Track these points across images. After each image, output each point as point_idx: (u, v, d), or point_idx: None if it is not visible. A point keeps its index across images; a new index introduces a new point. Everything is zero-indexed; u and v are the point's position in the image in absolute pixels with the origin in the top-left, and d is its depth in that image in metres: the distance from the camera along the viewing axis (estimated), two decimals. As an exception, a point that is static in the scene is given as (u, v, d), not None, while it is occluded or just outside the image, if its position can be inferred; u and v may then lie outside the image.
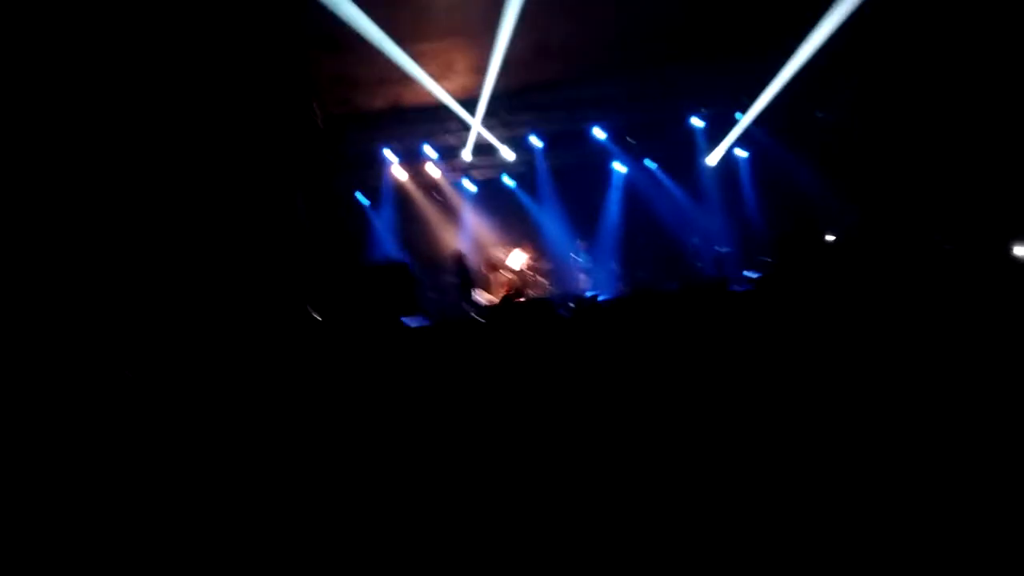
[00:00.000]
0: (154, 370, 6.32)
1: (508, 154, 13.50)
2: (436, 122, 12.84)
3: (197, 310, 8.30)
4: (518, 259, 13.32)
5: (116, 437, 4.78)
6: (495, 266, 13.34)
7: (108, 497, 4.06)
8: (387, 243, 13.71)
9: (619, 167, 14.23)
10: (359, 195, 13.84)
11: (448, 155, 13.52)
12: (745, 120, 12.85)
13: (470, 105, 12.16)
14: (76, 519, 3.86)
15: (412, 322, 10.13)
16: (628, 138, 13.83)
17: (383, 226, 13.77)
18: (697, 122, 13.63)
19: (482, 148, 13.42)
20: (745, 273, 11.19)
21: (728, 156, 14.02)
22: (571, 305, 9.35)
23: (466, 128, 12.72)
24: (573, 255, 13.42)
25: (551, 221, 14.19)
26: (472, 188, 14.33)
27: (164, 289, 8.33)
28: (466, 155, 13.37)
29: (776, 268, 9.92)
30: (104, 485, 4.17)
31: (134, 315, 7.81)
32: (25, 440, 4.73)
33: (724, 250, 12.97)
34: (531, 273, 13.15)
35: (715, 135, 13.72)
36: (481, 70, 11.33)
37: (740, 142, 13.76)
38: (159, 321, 7.88)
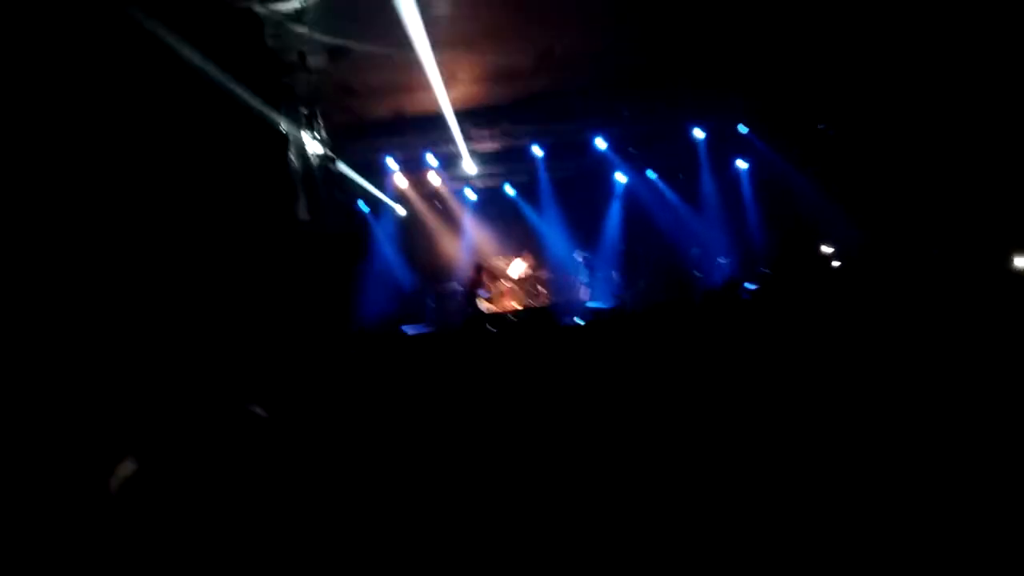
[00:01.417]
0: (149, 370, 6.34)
1: (507, 164, 13.57)
2: (438, 130, 12.89)
3: (195, 317, 8.31)
4: (518, 268, 13.36)
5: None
6: (496, 275, 13.37)
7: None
8: (387, 250, 13.77)
9: (620, 177, 14.28)
10: (361, 203, 13.87)
11: (450, 163, 13.56)
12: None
13: (474, 115, 12.24)
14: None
15: (411, 330, 10.17)
16: (630, 148, 13.88)
17: (384, 234, 13.83)
18: (699, 133, 13.68)
19: (483, 157, 13.49)
20: (744, 284, 11.23)
21: (729, 168, 14.08)
22: (575, 319, 9.38)
23: (468, 138, 12.78)
24: (574, 272, 13.44)
25: (552, 230, 14.25)
26: (473, 197, 14.37)
27: (168, 297, 8.35)
28: (468, 167, 13.30)
29: (773, 280, 9.94)
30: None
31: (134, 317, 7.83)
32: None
33: (724, 260, 13.00)
34: (531, 282, 13.19)
35: (716, 146, 13.78)
36: (483, 80, 11.39)
37: (742, 153, 13.84)
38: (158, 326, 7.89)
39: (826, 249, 11.98)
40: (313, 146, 10.98)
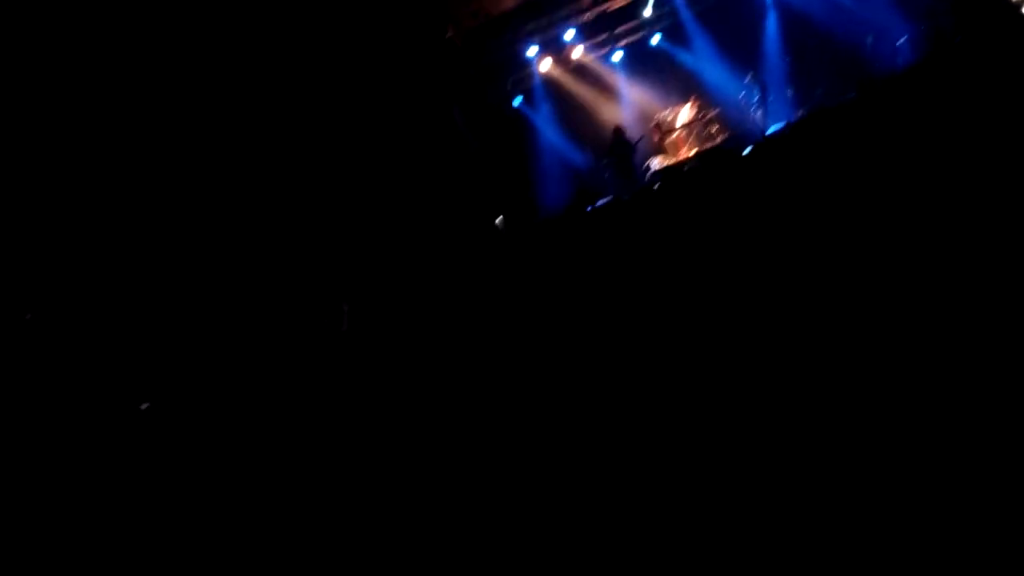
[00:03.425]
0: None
1: (648, 10, 13.07)
2: (570, 2, 12.63)
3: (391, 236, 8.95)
4: (686, 115, 12.97)
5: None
6: (664, 128, 13.08)
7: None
8: (553, 137, 13.84)
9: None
10: (516, 100, 13.96)
11: (589, 32, 13.25)
12: None
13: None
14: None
15: (594, 205, 10.33)
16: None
17: (544, 122, 13.89)
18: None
19: (622, 13, 13.09)
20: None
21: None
22: (751, 148, 9.05)
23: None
24: (746, 100, 12.82)
25: (711, 66, 13.62)
26: (620, 56, 13.97)
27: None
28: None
29: (960, 42, 8.97)
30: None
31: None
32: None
33: (903, 42, 11.81)
34: (702, 125, 12.78)
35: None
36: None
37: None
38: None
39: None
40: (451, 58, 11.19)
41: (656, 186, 7.91)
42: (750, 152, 8.38)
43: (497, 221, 10.27)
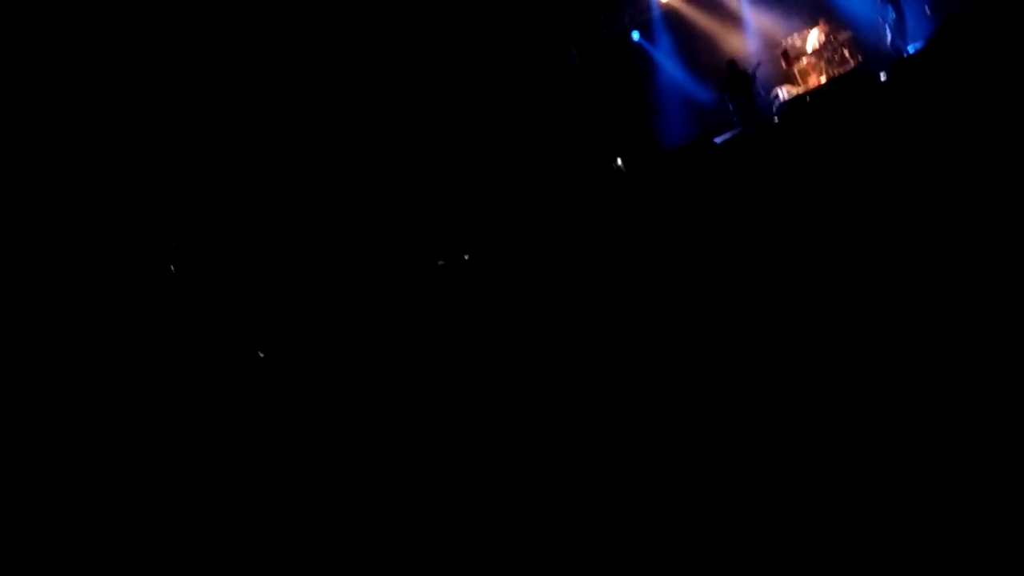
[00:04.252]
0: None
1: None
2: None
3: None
4: (814, 39, 12.28)
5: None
6: (792, 55, 12.44)
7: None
8: (674, 71, 13.43)
9: None
10: (634, 34, 13.60)
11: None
12: None
13: None
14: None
15: (720, 139, 10.05)
16: None
17: (664, 56, 13.47)
18: None
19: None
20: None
21: None
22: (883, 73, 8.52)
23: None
24: (880, 20, 11.96)
25: (841, -15, 12.77)
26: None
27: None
28: None
29: None
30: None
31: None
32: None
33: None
34: (832, 49, 12.07)
35: None
36: None
37: None
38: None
39: None
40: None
41: (779, 118, 7.61)
42: (889, 75, 7.89)
43: (617, 163, 10.16)
